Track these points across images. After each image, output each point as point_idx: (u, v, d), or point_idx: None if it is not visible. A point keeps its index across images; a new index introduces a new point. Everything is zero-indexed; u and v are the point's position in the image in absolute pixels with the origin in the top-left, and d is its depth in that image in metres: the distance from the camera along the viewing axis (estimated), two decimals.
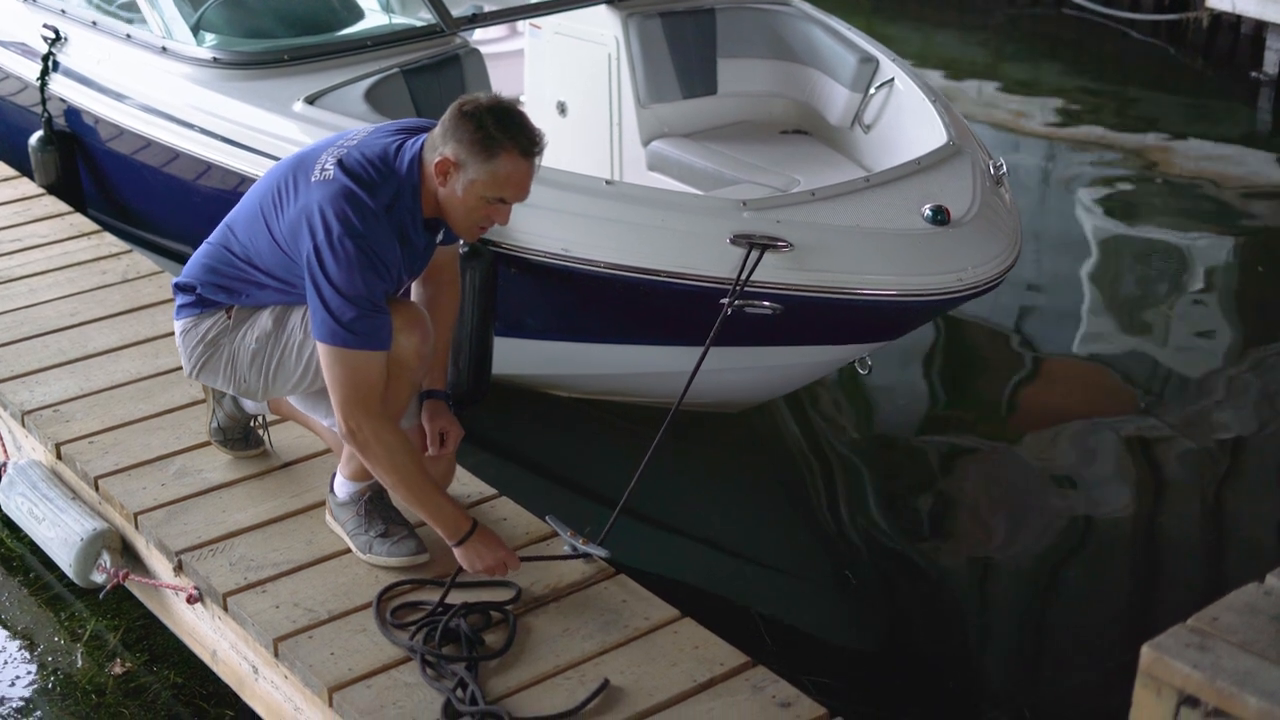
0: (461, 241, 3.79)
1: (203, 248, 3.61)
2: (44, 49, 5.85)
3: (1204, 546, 5.14)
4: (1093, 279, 7.01)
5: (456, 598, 3.44)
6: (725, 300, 4.14)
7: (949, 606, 4.81)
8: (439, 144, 3.26)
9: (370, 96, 4.96)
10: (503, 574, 3.50)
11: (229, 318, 3.57)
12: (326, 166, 3.30)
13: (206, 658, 3.82)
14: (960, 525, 5.21)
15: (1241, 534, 5.19)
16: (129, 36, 5.59)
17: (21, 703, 3.97)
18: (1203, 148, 8.81)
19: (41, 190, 5.89)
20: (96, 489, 4.02)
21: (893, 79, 5.43)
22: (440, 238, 3.49)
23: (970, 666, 4.52)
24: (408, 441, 3.40)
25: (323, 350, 3.29)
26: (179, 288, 3.63)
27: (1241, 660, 2.12)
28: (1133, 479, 5.37)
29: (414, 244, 3.37)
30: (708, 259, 4.25)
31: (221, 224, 3.58)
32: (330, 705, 3.23)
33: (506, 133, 3.22)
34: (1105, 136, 8.93)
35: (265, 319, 3.55)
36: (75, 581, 4.02)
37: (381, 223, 3.26)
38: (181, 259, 5.61)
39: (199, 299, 3.58)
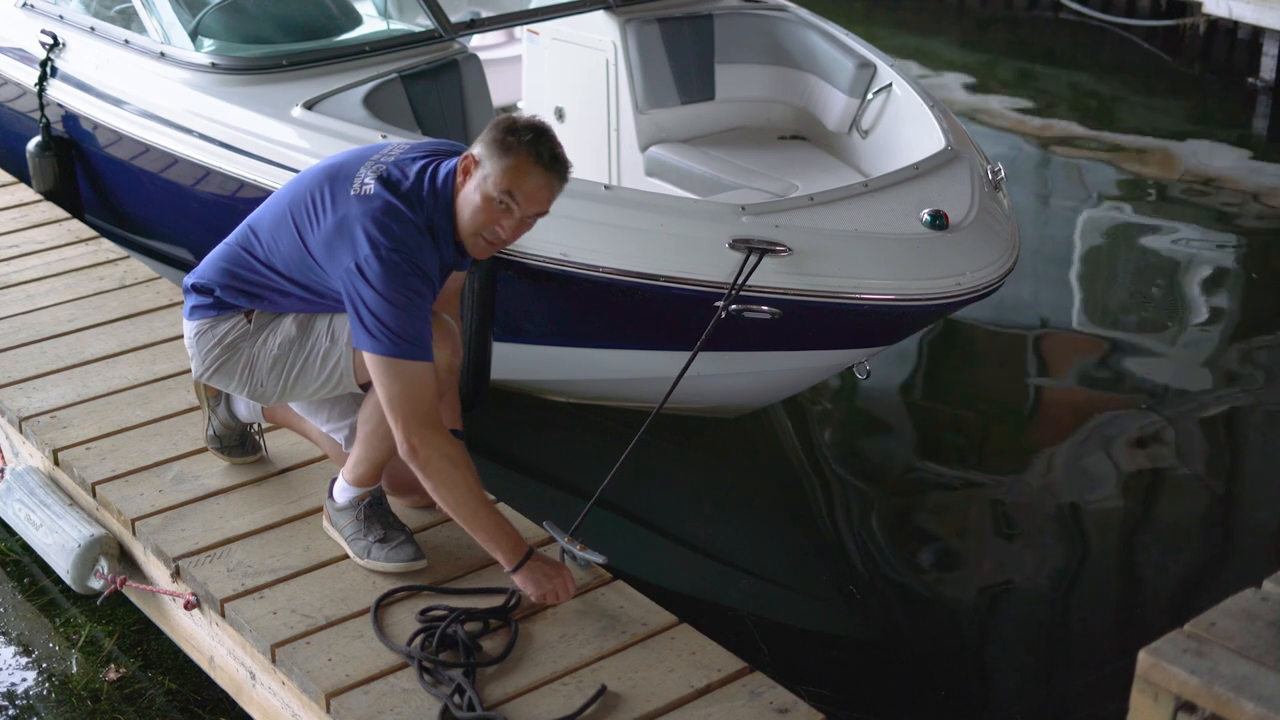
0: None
1: (220, 248, 3.59)
2: (42, 54, 5.84)
3: (1201, 552, 5.14)
4: (1090, 284, 7.02)
5: (454, 606, 3.44)
6: (719, 304, 4.14)
7: (945, 612, 4.81)
8: (472, 149, 3.30)
9: (369, 102, 4.96)
10: (564, 599, 3.44)
11: (249, 322, 3.56)
12: (366, 181, 3.31)
13: (204, 664, 3.82)
14: (957, 531, 5.21)
15: (1239, 539, 5.20)
16: (127, 42, 5.59)
17: (17, 708, 3.96)
18: (1200, 153, 8.81)
19: (39, 196, 5.89)
20: (94, 495, 4.02)
21: (890, 84, 5.43)
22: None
23: (967, 673, 4.52)
24: (469, 458, 3.35)
25: (378, 364, 3.23)
26: (194, 289, 3.60)
27: (1239, 666, 2.13)
28: (1130, 485, 5.37)
29: (446, 262, 3.38)
30: (707, 264, 4.25)
31: (242, 225, 3.56)
32: (328, 711, 3.22)
33: (528, 140, 3.25)
34: (1102, 142, 8.94)
35: (289, 325, 3.53)
36: (73, 587, 4.02)
37: (426, 237, 3.28)
38: (180, 265, 5.63)
39: (217, 301, 3.56)
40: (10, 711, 3.94)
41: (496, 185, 3.26)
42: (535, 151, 3.25)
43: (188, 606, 3.66)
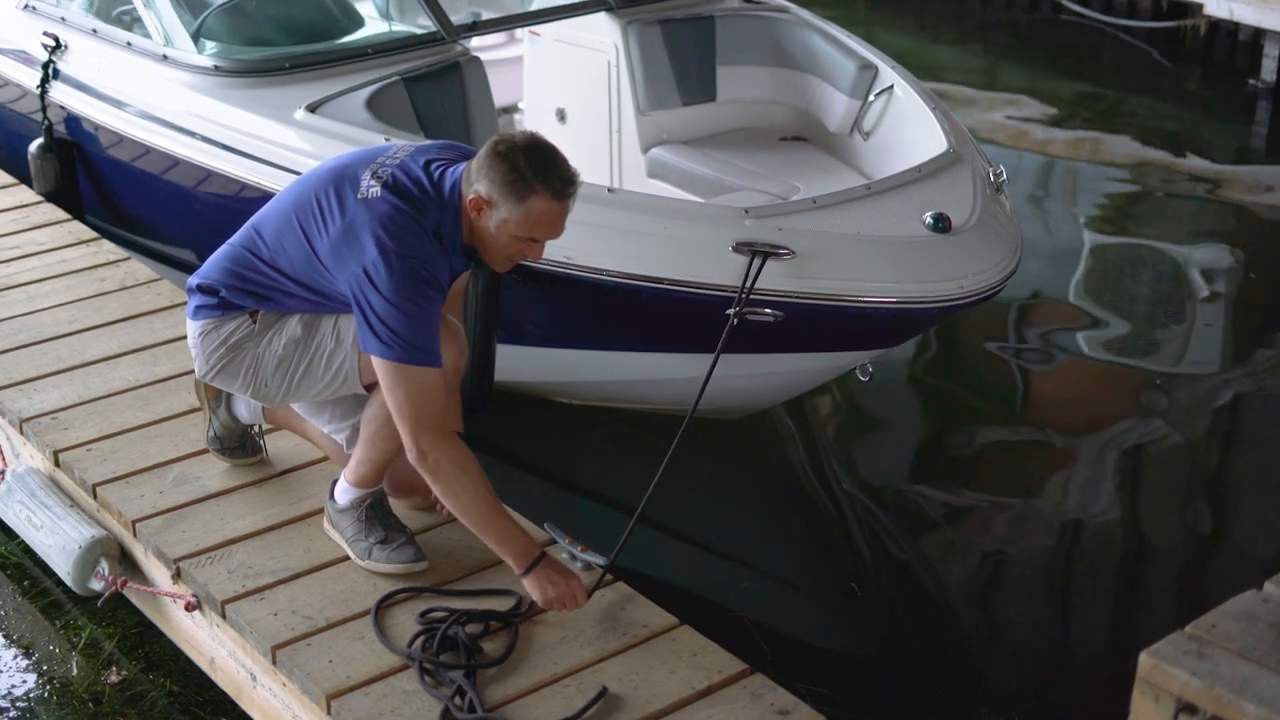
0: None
1: (224, 249, 3.59)
2: (44, 56, 5.85)
3: (1202, 553, 5.14)
4: (1090, 286, 7.01)
5: (455, 608, 3.44)
6: (732, 309, 4.14)
7: (946, 614, 4.81)
8: (474, 180, 3.27)
9: (371, 104, 4.96)
10: (572, 607, 3.41)
11: (254, 322, 3.55)
12: (371, 186, 3.30)
13: (204, 665, 3.81)
14: (958, 532, 5.21)
15: (1240, 541, 5.19)
16: (129, 44, 5.60)
17: (18, 711, 3.96)
18: (1200, 155, 8.81)
19: (40, 198, 5.89)
20: (95, 496, 4.02)
21: (892, 86, 5.43)
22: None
23: (968, 674, 4.52)
24: (477, 463, 3.35)
25: (386, 369, 3.23)
26: (199, 289, 3.59)
27: (1240, 667, 2.12)
28: (1130, 486, 5.37)
29: (454, 268, 3.38)
30: (710, 266, 4.25)
31: (246, 225, 3.56)
32: (328, 713, 3.22)
33: (539, 175, 3.22)
34: (1103, 144, 8.94)
35: (294, 325, 3.52)
36: (73, 589, 4.02)
37: (433, 243, 3.27)
38: (181, 266, 5.63)
39: (222, 301, 3.55)
40: (11, 714, 3.94)
41: (520, 228, 3.26)
42: (549, 188, 3.23)
43: (188, 608, 3.66)
